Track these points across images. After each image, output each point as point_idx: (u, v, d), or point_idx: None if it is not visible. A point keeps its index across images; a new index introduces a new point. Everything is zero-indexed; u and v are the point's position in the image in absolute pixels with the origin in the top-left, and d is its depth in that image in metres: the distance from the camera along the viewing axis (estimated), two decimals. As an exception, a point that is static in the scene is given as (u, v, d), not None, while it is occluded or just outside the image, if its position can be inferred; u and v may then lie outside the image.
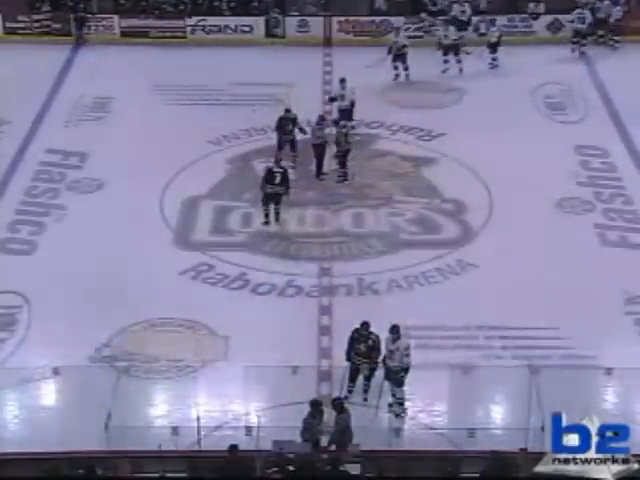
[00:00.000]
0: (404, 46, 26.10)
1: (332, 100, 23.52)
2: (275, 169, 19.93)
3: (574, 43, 27.95)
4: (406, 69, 26.16)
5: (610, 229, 20.07)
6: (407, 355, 14.93)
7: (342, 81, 23.07)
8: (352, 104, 23.02)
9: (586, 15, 27.85)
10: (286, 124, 21.74)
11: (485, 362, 16.10)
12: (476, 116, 24.04)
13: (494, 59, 27.23)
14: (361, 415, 14.74)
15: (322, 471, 12.89)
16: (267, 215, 20.06)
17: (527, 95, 25.51)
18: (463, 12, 28.10)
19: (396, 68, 26.18)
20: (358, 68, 25.27)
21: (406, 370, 14.99)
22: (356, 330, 15.28)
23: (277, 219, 20.16)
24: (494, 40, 27.30)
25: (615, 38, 28.24)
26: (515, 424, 14.64)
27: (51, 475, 12.63)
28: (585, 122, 24.35)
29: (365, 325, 15.22)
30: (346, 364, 15.32)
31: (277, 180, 19.81)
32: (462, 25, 27.82)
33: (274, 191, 19.87)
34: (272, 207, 20.03)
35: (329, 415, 14.06)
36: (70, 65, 27.51)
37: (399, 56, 26.10)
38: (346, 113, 22.87)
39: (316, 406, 13.90)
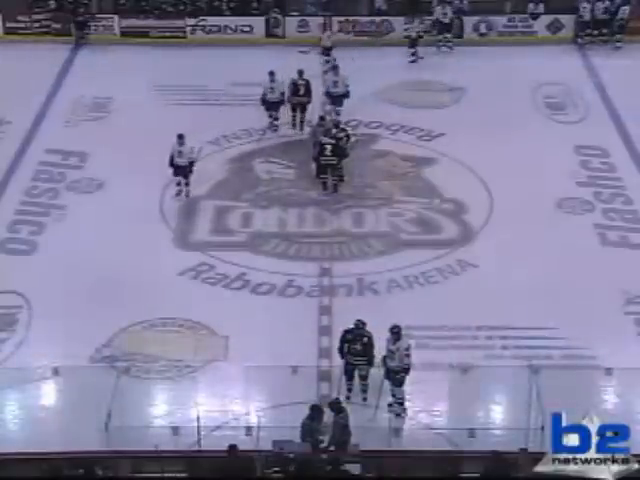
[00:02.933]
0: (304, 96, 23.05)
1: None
2: (299, 81, 23.07)
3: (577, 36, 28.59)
4: (302, 121, 23.22)
5: (610, 229, 20.06)
6: (407, 356, 14.93)
7: (180, 137, 20.50)
8: (192, 164, 20.66)
9: (586, 8, 28.31)
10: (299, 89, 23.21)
11: (485, 362, 16.11)
12: (476, 116, 24.03)
13: (413, 53, 27.46)
14: (360, 415, 14.76)
15: (322, 471, 12.90)
16: (294, 118, 23.19)
17: (527, 95, 25.52)
18: (445, 14, 28.10)
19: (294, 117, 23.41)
20: (358, 68, 25.26)
21: (406, 370, 14.99)
22: (349, 331, 15.28)
23: (302, 128, 23.16)
24: (414, 36, 27.63)
25: (618, 37, 28.29)
26: (515, 424, 14.64)
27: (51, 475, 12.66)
28: (585, 122, 24.35)
29: (359, 323, 15.23)
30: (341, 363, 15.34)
31: (301, 91, 23.04)
32: (444, 27, 28.02)
33: (299, 101, 23.04)
34: (298, 115, 23.06)
35: (328, 416, 14.04)
36: (70, 65, 27.53)
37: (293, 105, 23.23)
38: (184, 169, 20.73)
39: (315, 410, 13.85)
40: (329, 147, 20.80)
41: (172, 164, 20.70)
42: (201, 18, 28.90)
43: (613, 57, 27.89)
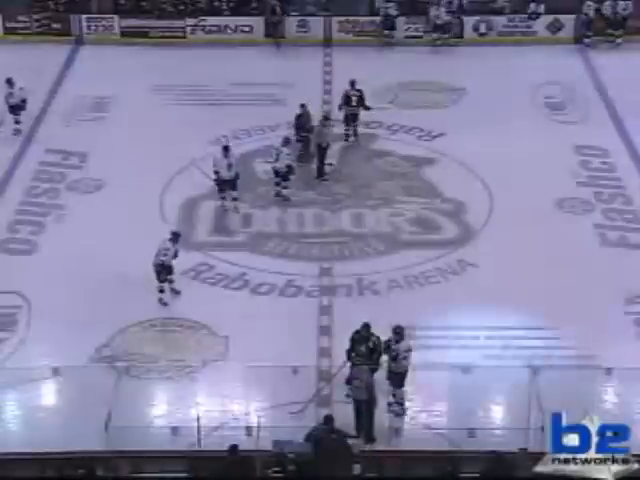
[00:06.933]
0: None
1: None
2: (273, 2, 28.03)
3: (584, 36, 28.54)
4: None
5: (610, 229, 20.06)
6: (405, 358, 14.82)
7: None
8: None
9: (590, 6, 28.27)
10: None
11: (485, 362, 16.11)
12: (476, 116, 24.02)
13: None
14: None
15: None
16: (275, 39, 28.02)
17: (527, 95, 25.52)
18: (437, 16, 28.35)
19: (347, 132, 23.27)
20: (358, 68, 25.22)
21: (401, 374, 14.90)
22: (357, 332, 15.26)
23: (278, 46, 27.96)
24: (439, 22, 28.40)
25: (617, 33, 28.29)
26: (515, 424, 14.65)
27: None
28: (585, 122, 24.34)
29: (366, 327, 15.20)
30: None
31: (277, 11, 28.07)
32: (456, 12, 28.43)
33: (275, 20, 28.01)
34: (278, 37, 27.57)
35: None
36: (70, 65, 27.53)
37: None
38: None
39: (328, 421, 13.74)
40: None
41: None
42: (201, 18, 28.91)
43: (613, 57, 27.86)
